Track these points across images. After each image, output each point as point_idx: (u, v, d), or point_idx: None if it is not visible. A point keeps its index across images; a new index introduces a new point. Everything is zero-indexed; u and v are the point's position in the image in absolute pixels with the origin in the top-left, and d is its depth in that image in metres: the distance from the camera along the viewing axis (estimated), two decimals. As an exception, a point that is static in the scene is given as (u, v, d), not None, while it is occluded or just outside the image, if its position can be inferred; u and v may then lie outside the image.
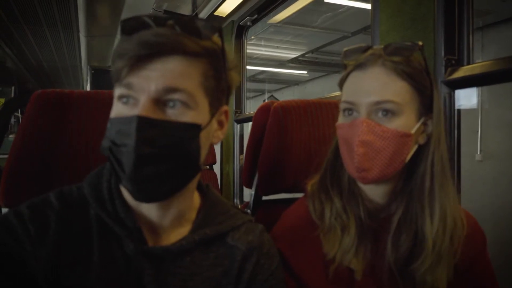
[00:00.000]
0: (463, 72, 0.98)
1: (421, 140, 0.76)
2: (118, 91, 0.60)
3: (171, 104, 0.59)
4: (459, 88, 1.07)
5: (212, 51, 0.63)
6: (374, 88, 0.72)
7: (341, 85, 0.81)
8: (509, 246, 3.29)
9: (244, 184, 1.17)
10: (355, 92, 0.75)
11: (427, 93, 0.74)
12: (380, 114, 0.72)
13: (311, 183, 0.87)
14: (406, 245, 0.76)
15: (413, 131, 0.73)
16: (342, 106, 0.78)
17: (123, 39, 0.60)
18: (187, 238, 0.67)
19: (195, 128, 0.61)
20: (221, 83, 0.66)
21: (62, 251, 0.60)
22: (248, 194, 1.18)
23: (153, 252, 0.64)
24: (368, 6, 3.57)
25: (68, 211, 0.64)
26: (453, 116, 1.08)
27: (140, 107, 0.57)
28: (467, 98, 1.10)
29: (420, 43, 0.72)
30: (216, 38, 0.65)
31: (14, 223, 0.60)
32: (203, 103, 0.63)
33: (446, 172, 0.76)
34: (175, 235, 0.68)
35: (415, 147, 0.75)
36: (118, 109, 0.60)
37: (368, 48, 0.76)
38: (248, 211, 1.17)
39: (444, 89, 1.05)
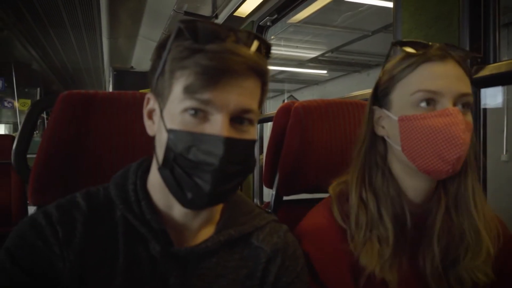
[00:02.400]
0: (488, 70, 0.96)
1: None
2: (188, 103, 0.57)
3: (239, 120, 0.60)
4: (485, 86, 1.04)
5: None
6: (459, 79, 0.71)
7: (399, 77, 0.76)
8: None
9: (265, 184, 1.17)
10: (436, 81, 0.71)
11: None
12: (460, 106, 0.71)
13: (334, 186, 0.84)
14: (447, 246, 0.75)
15: None
16: (419, 95, 0.72)
17: (191, 46, 0.58)
18: (212, 239, 0.67)
19: (254, 143, 0.64)
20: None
21: (88, 253, 0.61)
22: (268, 193, 1.18)
23: (178, 254, 0.65)
24: (389, 4, 3.52)
25: (94, 213, 0.65)
26: (479, 116, 1.06)
27: (221, 126, 0.57)
28: (492, 97, 1.08)
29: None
30: None
31: (43, 225, 0.61)
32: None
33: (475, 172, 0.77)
34: (200, 236, 0.68)
35: None
36: (184, 121, 0.58)
37: (426, 44, 0.74)
38: (269, 211, 1.17)
39: (469, 88, 1.03)
